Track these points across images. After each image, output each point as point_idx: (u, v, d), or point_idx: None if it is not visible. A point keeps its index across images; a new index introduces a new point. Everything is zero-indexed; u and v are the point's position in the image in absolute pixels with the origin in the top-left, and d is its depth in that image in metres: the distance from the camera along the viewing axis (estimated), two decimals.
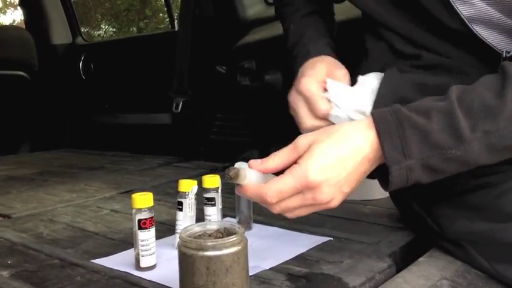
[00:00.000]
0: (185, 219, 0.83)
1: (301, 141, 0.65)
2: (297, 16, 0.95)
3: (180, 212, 0.84)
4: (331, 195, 0.63)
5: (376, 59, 0.84)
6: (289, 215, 0.66)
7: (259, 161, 0.66)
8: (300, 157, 0.64)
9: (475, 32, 0.69)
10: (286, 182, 0.63)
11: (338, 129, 0.66)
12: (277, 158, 0.65)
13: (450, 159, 0.62)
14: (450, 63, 0.75)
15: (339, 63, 0.84)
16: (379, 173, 0.67)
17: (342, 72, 0.82)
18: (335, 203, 0.65)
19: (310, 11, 0.95)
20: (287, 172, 0.63)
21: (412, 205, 0.84)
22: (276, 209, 0.65)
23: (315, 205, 0.64)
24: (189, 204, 0.84)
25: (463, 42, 0.72)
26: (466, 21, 0.69)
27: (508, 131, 0.61)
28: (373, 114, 0.65)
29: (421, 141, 0.62)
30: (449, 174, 0.66)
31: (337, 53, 0.88)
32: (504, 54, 0.70)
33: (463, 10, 0.69)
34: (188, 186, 0.83)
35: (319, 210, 0.66)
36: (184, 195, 0.83)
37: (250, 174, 0.65)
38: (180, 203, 0.84)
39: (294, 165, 0.63)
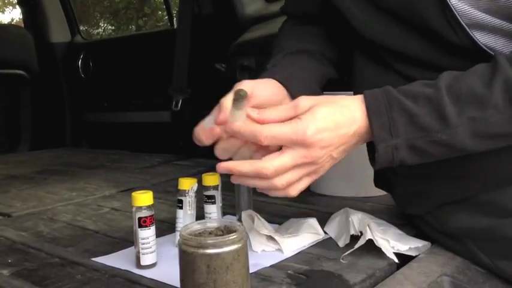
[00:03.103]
0: (185, 217, 0.83)
1: (303, 102, 0.66)
2: (280, 55, 0.86)
3: (180, 210, 0.84)
4: (323, 155, 0.65)
5: (368, 79, 0.81)
6: (282, 182, 0.65)
7: (256, 110, 0.67)
8: (300, 114, 0.65)
9: (475, 39, 0.67)
10: (283, 129, 0.64)
11: (338, 99, 0.68)
12: (275, 111, 0.67)
13: (436, 142, 0.64)
14: None
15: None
16: (369, 152, 0.70)
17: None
18: (326, 167, 0.68)
19: (299, 50, 0.86)
20: (286, 123, 0.64)
21: (413, 201, 0.84)
22: (270, 170, 0.63)
23: (307, 164, 0.65)
24: (189, 202, 0.84)
25: (466, 55, 0.69)
26: (466, 27, 0.67)
27: (495, 119, 0.62)
28: (365, 93, 0.67)
29: (408, 123, 0.64)
30: (438, 158, 0.68)
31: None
32: None
33: (462, 17, 0.67)
34: (188, 184, 0.83)
35: (310, 180, 0.67)
36: (184, 193, 0.83)
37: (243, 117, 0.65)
38: (180, 201, 0.84)
39: (295, 118, 0.65)
